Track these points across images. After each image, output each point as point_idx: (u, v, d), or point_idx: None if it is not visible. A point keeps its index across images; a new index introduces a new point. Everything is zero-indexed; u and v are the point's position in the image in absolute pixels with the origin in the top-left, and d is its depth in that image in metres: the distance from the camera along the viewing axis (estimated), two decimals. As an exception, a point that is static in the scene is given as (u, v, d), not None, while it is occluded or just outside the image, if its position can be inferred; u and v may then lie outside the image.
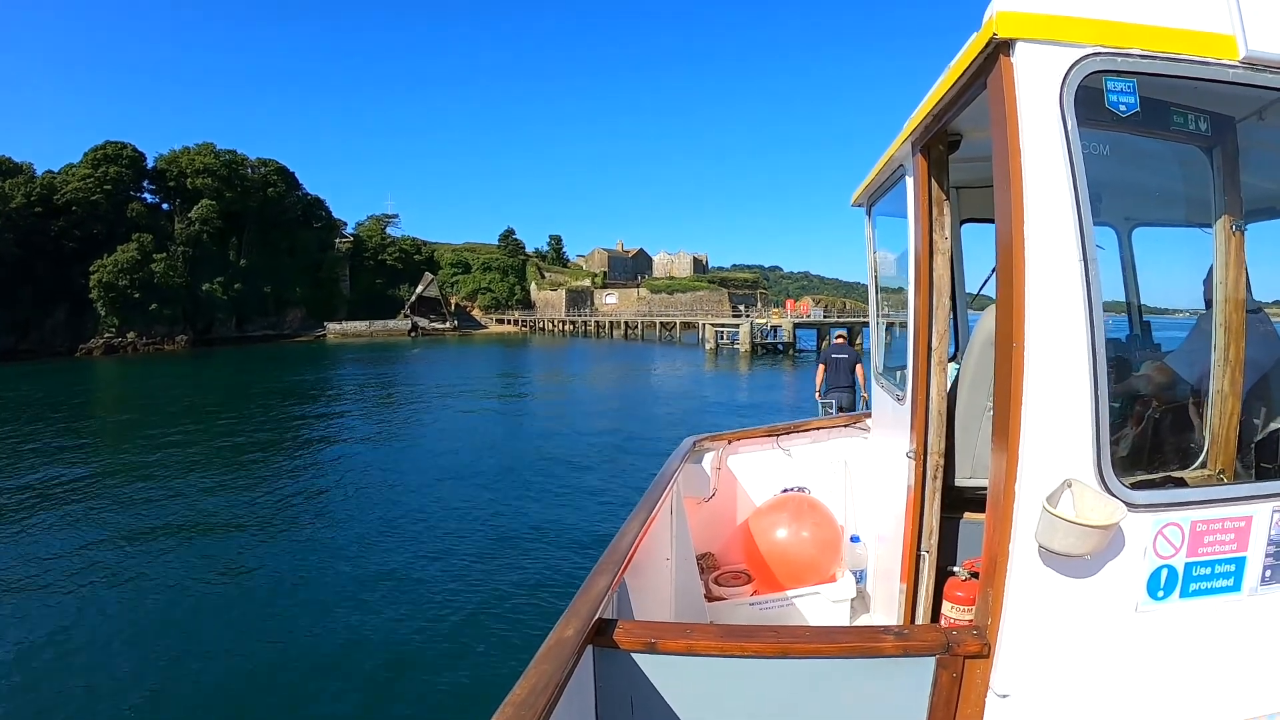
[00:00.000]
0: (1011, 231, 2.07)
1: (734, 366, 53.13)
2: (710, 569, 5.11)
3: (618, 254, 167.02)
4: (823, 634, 2.59)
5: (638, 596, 3.07)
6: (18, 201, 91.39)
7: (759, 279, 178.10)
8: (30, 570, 11.45)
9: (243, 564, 11.63)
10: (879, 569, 4.42)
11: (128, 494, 16.41)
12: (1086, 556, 2.02)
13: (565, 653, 1.89)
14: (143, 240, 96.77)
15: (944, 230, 3.20)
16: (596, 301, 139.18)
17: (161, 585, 10.63)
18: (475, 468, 18.18)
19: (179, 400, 38.12)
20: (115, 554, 12.15)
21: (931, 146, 3.15)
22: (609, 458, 19.08)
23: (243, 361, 68.55)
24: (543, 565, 10.92)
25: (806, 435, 5.78)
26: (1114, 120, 2.12)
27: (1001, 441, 2.16)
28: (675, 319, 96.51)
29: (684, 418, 24.14)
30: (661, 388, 37.91)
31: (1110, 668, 2.12)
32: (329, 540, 12.65)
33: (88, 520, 14.22)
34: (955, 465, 3.45)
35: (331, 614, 9.42)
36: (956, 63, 2.39)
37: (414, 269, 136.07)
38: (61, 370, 64.93)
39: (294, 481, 17.72)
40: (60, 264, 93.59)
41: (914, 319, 3.33)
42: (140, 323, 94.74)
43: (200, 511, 14.69)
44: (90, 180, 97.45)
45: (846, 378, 13.17)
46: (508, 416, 28.85)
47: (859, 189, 4.47)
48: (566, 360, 63.65)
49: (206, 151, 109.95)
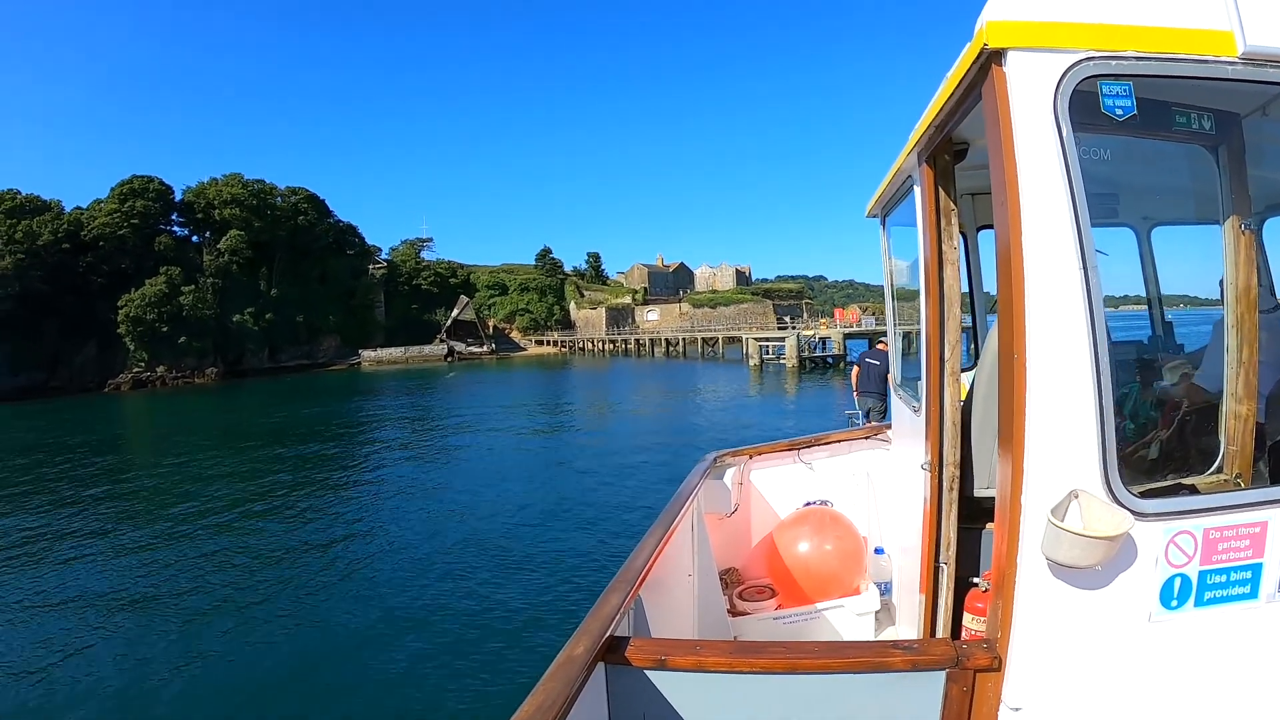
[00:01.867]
0: (1010, 241, 2.08)
1: (780, 385, 47.54)
2: (734, 584, 5.14)
3: (658, 269, 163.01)
4: (833, 649, 2.52)
5: (659, 613, 3.12)
6: (45, 239, 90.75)
7: (804, 289, 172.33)
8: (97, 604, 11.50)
9: (284, 589, 11.73)
10: (903, 581, 4.35)
11: (155, 538, 15.88)
12: (1096, 567, 2.03)
13: (574, 670, 1.95)
14: (171, 273, 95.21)
15: (952, 240, 3.20)
16: (637, 318, 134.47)
17: (193, 616, 10.71)
18: (508, 497, 17.68)
19: (199, 435, 36.80)
20: (136, 601, 11.80)
21: (937, 156, 3.15)
22: (641, 492, 17.42)
23: (270, 393, 66.18)
24: (574, 588, 10.83)
25: (828, 448, 5.79)
26: (1112, 124, 2.11)
27: (1007, 453, 2.16)
28: (717, 334, 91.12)
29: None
30: (698, 417, 32.40)
31: (1124, 679, 2.11)
32: (361, 559, 12.85)
33: (109, 562, 14.05)
34: (973, 475, 3.40)
35: (356, 629, 9.63)
36: (953, 73, 2.40)
37: (450, 292, 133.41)
38: (84, 406, 63.50)
39: (323, 516, 17.29)
40: (88, 299, 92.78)
41: (925, 329, 3.31)
42: (169, 356, 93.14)
43: (227, 541, 14.68)
44: (117, 215, 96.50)
45: (878, 384, 13.29)
46: (536, 452, 25.51)
47: (872, 200, 4.46)
48: (602, 385, 58.64)
49: (234, 182, 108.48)
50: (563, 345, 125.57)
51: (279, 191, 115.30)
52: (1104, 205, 2.26)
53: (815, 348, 62.18)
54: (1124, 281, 2.32)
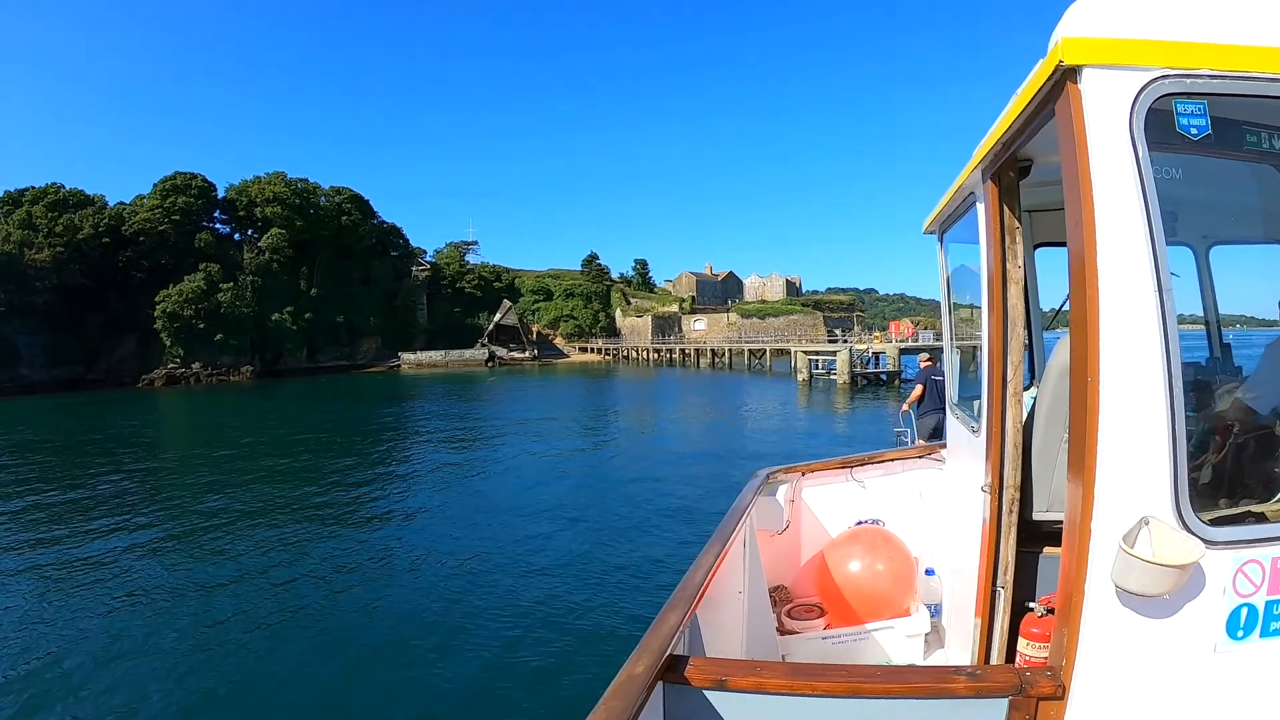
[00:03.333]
0: (1084, 262, 2.04)
1: (831, 402, 42.67)
2: (783, 602, 5.12)
3: (706, 277, 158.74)
4: (894, 674, 2.46)
5: (710, 630, 3.06)
6: (85, 233, 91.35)
7: (855, 301, 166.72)
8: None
9: (323, 592, 11.42)
10: (954, 603, 4.39)
11: (177, 550, 14.54)
12: (1165, 596, 1.99)
13: (635, 689, 1.93)
14: (210, 270, 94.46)
15: (1016, 259, 3.15)
16: (684, 327, 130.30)
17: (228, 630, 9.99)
18: (551, 509, 16.63)
19: (219, 437, 34.26)
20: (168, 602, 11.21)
21: (1002, 173, 3.11)
22: (677, 516, 15.70)
23: (302, 395, 64.11)
24: (621, 602, 10.49)
25: (881, 466, 5.72)
26: (1186, 143, 2.08)
27: (1077, 477, 2.12)
28: (765, 345, 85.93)
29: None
30: (739, 438, 27.97)
31: (1188, 710, 2.06)
32: (401, 574, 12.33)
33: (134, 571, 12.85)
34: (1033, 498, 3.38)
35: (402, 646, 9.28)
36: (1024, 90, 2.37)
37: (494, 297, 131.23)
38: (113, 401, 62.25)
39: (356, 528, 15.97)
40: (128, 294, 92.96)
41: (988, 349, 3.29)
42: (205, 353, 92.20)
43: (254, 555, 13.61)
44: (158, 211, 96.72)
45: (941, 400, 11.77)
46: (575, 470, 22.47)
47: (930, 216, 4.46)
48: (643, 398, 53.44)
49: (277, 180, 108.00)
50: (606, 353, 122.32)
51: (323, 191, 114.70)
52: (1165, 224, 2.00)
53: (868, 363, 56.81)
54: (1177, 300, 1.98)
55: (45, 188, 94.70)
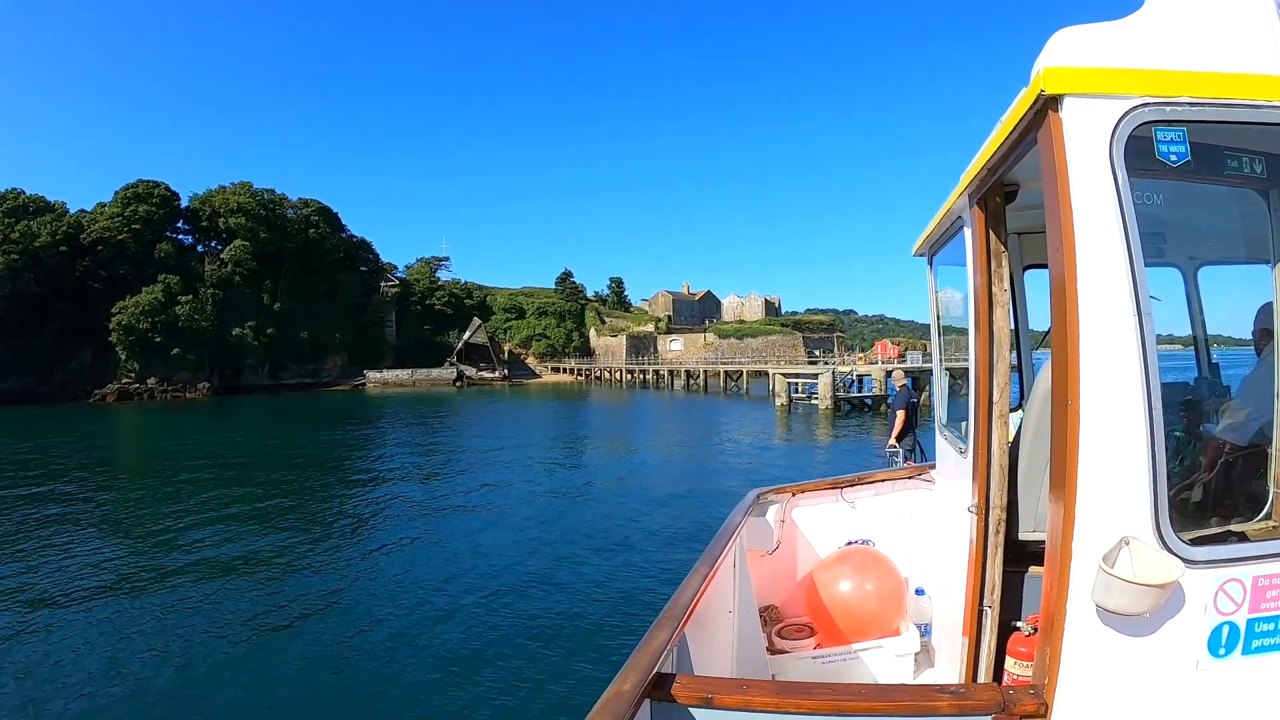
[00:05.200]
0: (1064, 287, 2.11)
1: (811, 431, 38.84)
2: (773, 621, 5.14)
3: (683, 296, 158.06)
4: (879, 692, 2.50)
5: (700, 649, 3.14)
6: (43, 240, 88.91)
7: (835, 321, 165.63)
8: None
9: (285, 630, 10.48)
10: (943, 623, 4.40)
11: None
12: (1145, 615, 2.04)
13: (621, 706, 1.96)
14: (169, 281, 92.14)
15: (1003, 281, 3.23)
16: (660, 348, 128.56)
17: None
18: (526, 539, 15.87)
19: (151, 463, 31.54)
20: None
21: (988, 198, 3.18)
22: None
23: (259, 413, 61.60)
24: (605, 621, 10.40)
25: (871, 487, 5.80)
26: (1166, 170, 2.15)
27: (1058, 498, 2.18)
28: (742, 367, 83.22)
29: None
30: (709, 476, 23.95)
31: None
32: (368, 601, 11.71)
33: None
34: (1020, 519, 3.43)
35: (385, 676, 8.92)
36: (1007, 117, 2.46)
37: (464, 314, 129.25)
38: (59, 417, 59.46)
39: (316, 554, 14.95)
40: (85, 305, 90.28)
41: (974, 371, 3.34)
42: (162, 368, 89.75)
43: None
44: (119, 219, 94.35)
45: (917, 421, 13.79)
46: (546, 502, 20.79)
47: (920, 239, 4.52)
48: (602, 423, 51.43)
49: (243, 191, 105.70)
50: (579, 373, 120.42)
51: (290, 203, 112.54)
52: (1151, 245, 2.11)
53: (851, 386, 53.60)
54: (1164, 321, 2.16)
55: (5, 193, 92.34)
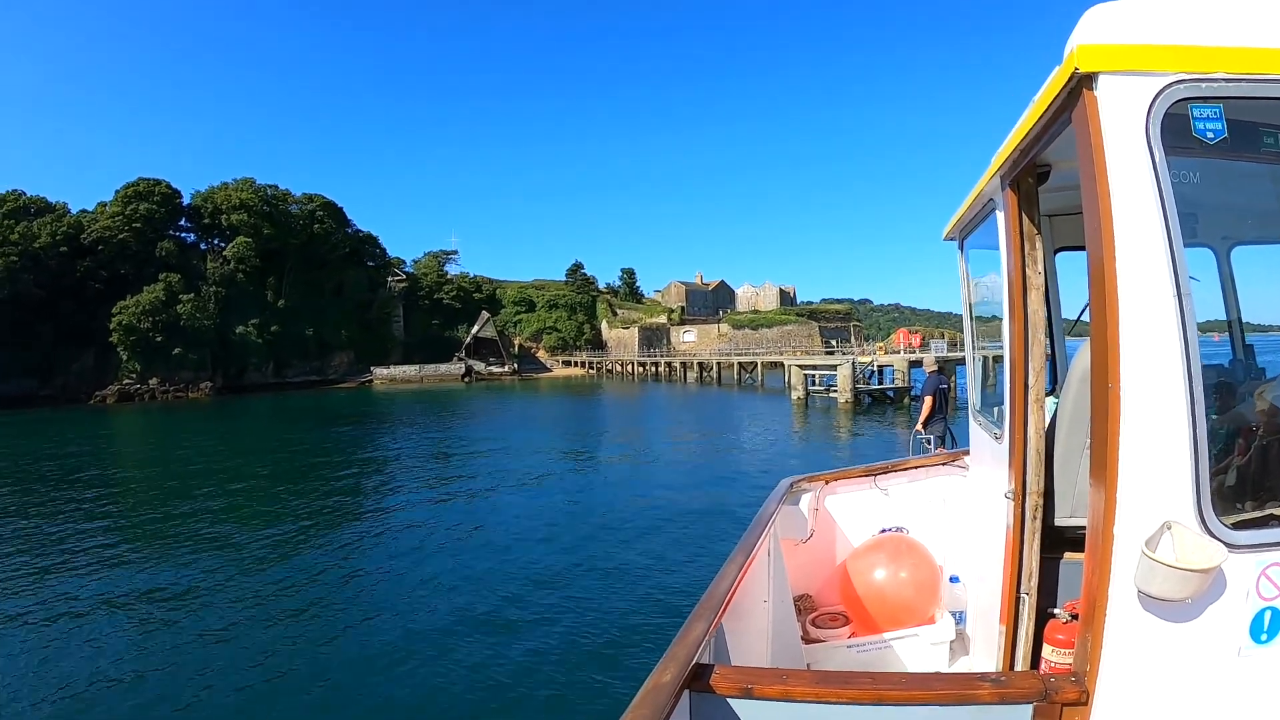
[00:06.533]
0: (1103, 268, 2.08)
1: (830, 428, 35.66)
2: (807, 610, 5.15)
3: (696, 287, 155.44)
4: (919, 680, 2.48)
5: (736, 639, 3.14)
6: (43, 241, 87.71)
7: (851, 311, 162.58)
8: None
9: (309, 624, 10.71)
10: (978, 610, 4.39)
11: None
12: (1187, 600, 2.03)
13: (661, 698, 1.96)
14: (170, 280, 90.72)
15: (1036, 264, 3.20)
16: (673, 339, 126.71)
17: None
18: (544, 532, 15.93)
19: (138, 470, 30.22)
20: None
21: (1020, 180, 3.15)
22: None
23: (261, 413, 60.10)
24: (638, 613, 10.49)
25: (904, 474, 5.75)
26: (1202, 148, 2.12)
27: (1099, 482, 2.17)
28: (756, 358, 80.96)
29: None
30: (722, 484, 21.42)
31: (1212, 714, 2.11)
32: (396, 594, 11.91)
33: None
34: (1055, 504, 3.39)
35: (414, 662, 9.12)
36: (1040, 97, 2.42)
37: (474, 308, 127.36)
38: (48, 421, 57.92)
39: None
40: (85, 305, 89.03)
41: (1009, 355, 3.32)
42: (164, 368, 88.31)
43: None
44: (119, 218, 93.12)
45: (946, 408, 13.52)
46: (558, 495, 20.75)
47: (950, 223, 4.49)
48: (609, 421, 48.50)
49: (245, 187, 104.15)
50: (590, 367, 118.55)
51: (294, 198, 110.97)
52: (1185, 225, 2.05)
53: (871, 378, 50.64)
54: (1200, 303, 2.10)
55: (5, 194, 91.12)
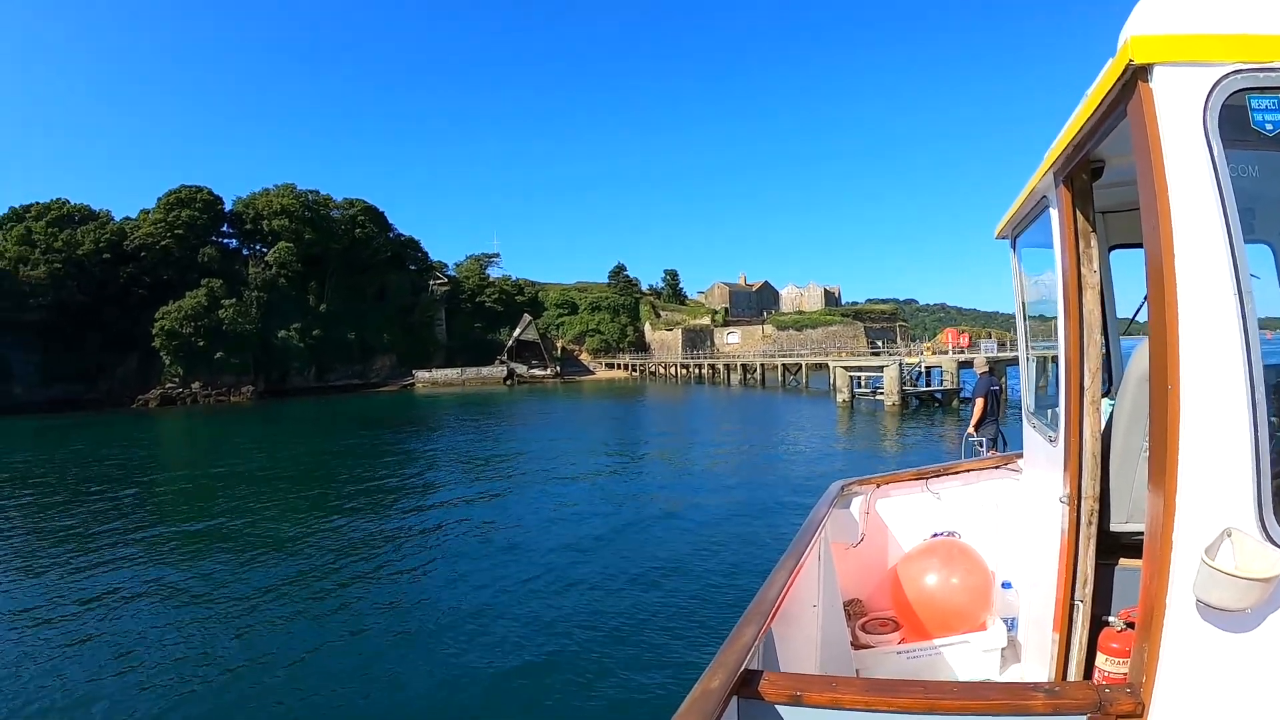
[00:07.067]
0: (1162, 266, 2.02)
1: (876, 431, 33.82)
2: (857, 615, 5.09)
3: (740, 288, 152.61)
4: (971, 690, 2.46)
5: (785, 645, 3.12)
6: (86, 248, 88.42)
7: (897, 311, 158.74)
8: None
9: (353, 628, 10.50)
10: (1031, 617, 4.33)
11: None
12: (1247, 610, 1.95)
13: (709, 705, 1.94)
14: (212, 285, 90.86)
15: (1092, 263, 3.15)
16: (717, 341, 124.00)
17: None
18: (591, 535, 15.50)
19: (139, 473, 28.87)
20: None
21: (1074, 176, 3.09)
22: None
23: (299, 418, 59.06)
24: (686, 617, 10.24)
25: (957, 478, 5.64)
26: (1261, 139, 2.03)
27: (1157, 487, 2.10)
28: (800, 360, 77.92)
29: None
30: (765, 491, 19.90)
31: None
32: (442, 596, 11.80)
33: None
34: (1111, 509, 3.30)
35: (462, 668, 8.98)
36: (1094, 90, 2.37)
37: (515, 311, 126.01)
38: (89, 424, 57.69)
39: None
40: (129, 311, 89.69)
41: (1064, 356, 3.27)
42: (206, 372, 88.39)
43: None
44: (161, 225, 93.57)
45: (998, 410, 13.33)
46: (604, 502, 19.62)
47: (1003, 221, 4.43)
48: (650, 426, 45.59)
49: (286, 193, 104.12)
50: (633, 369, 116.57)
51: (335, 203, 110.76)
52: (1243, 221, 1.97)
53: (918, 379, 48.31)
54: (1262, 301, 2.03)
55: (50, 203, 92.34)
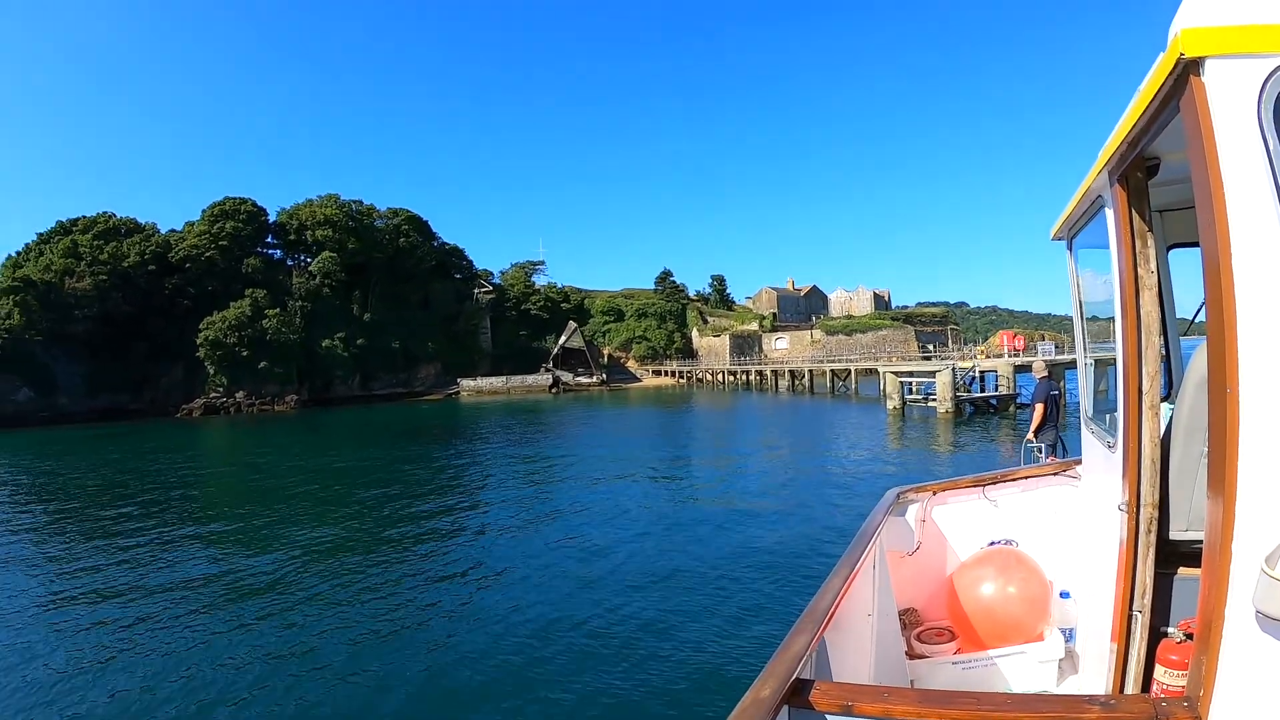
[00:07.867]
0: (1219, 265, 1.94)
1: (929, 440, 31.29)
2: (913, 625, 5.03)
3: (788, 293, 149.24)
4: (1024, 703, 2.37)
5: (838, 654, 3.09)
6: (131, 260, 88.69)
7: (948, 314, 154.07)
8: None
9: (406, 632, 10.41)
10: (1089, 628, 4.26)
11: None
12: None
13: (760, 713, 1.95)
14: (256, 295, 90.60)
15: (1149, 263, 3.06)
16: (765, 346, 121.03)
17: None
18: (640, 543, 15.13)
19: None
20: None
21: (1130, 174, 3.03)
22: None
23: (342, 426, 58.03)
24: (738, 624, 9.97)
25: (1015, 485, 5.48)
26: None
27: (1217, 495, 2.01)
28: (849, 365, 74.49)
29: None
30: (809, 514, 17.14)
31: None
32: (484, 607, 11.48)
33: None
34: (1170, 517, 3.23)
35: (509, 669, 8.92)
36: (1146, 86, 2.31)
37: (561, 318, 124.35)
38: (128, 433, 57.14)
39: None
40: (174, 322, 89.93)
41: (1123, 360, 3.20)
42: (250, 381, 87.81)
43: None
44: (206, 236, 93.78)
45: (1058, 416, 13.20)
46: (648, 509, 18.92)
47: (1058, 222, 4.35)
48: (696, 436, 42.18)
49: (330, 203, 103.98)
50: (680, 376, 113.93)
51: (379, 213, 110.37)
52: None
53: (972, 385, 46.14)
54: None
55: (96, 217, 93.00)
